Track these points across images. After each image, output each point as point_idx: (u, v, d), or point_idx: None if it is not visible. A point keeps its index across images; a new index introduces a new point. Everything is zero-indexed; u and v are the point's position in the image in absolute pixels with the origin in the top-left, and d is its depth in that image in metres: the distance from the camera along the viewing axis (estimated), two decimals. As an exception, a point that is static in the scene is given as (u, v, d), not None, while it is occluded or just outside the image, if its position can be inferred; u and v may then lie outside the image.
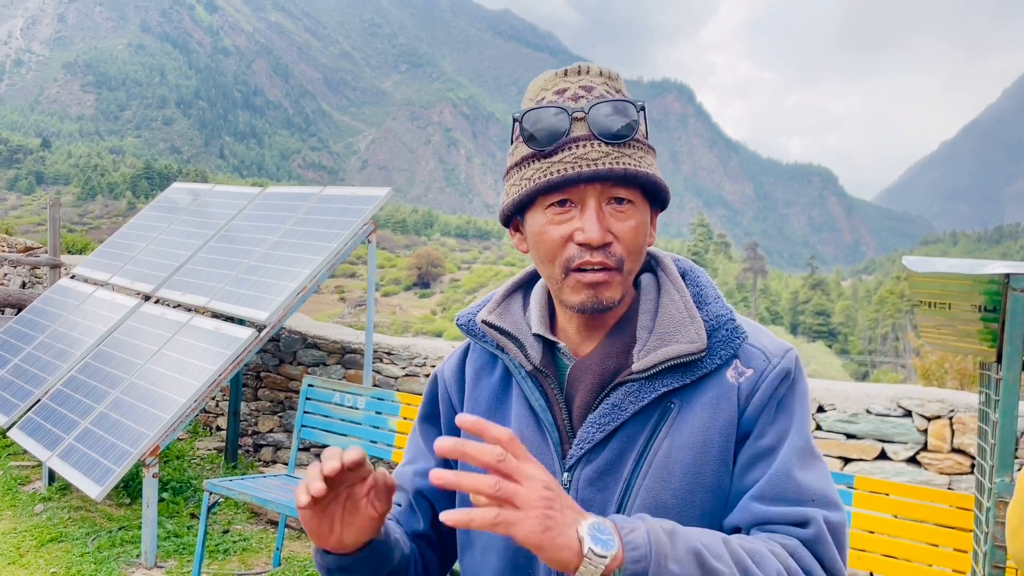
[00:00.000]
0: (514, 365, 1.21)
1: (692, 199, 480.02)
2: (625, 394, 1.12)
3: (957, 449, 3.76)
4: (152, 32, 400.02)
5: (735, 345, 1.13)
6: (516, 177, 1.14)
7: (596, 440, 1.12)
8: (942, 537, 2.89)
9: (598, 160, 1.07)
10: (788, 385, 1.13)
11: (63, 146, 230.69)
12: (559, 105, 1.10)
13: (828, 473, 1.13)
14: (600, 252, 1.08)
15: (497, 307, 1.25)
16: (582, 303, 1.11)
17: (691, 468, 1.10)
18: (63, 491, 5.43)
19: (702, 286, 1.20)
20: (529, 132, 1.10)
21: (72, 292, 6.42)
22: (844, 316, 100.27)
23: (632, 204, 1.11)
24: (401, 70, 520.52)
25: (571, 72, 1.14)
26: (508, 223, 1.21)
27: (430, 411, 1.35)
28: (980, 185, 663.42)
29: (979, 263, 1.41)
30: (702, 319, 1.14)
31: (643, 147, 1.12)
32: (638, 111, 1.11)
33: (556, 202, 1.10)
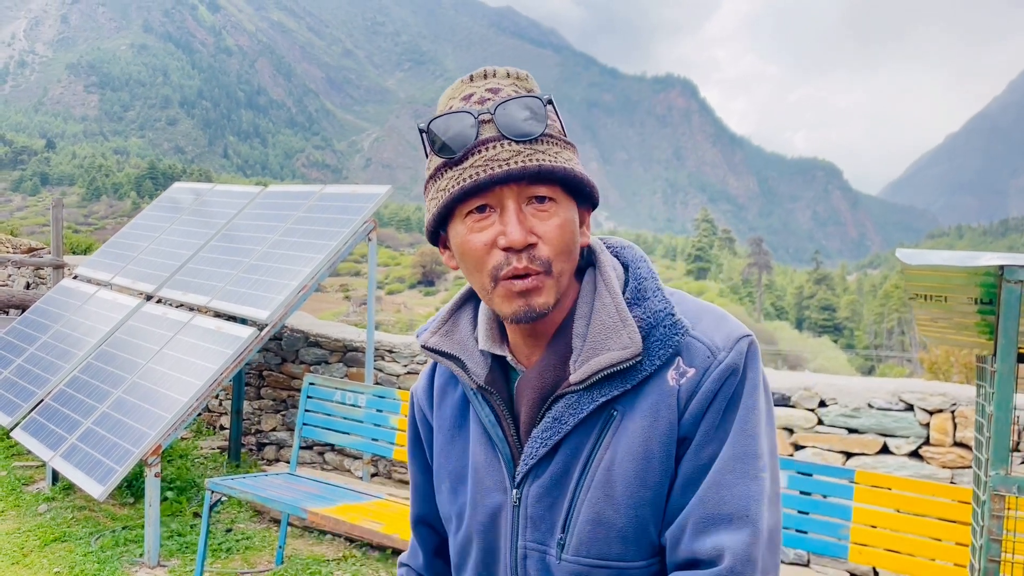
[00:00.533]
0: (464, 383, 1.20)
1: (696, 194, 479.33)
2: (565, 406, 1.09)
3: (959, 443, 3.75)
4: (155, 32, 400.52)
5: (675, 342, 1.06)
6: (432, 190, 1.10)
7: (540, 455, 1.10)
8: (945, 531, 2.87)
9: (509, 159, 1.02)
10: (736, 382, 1.05)
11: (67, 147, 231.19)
12: (464, 110, 1.06)
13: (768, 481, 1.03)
14: (525, 256, 1.03)
15: (442, 326, 1.22)
16: (515, 313, 1.06)
17: (633, 480, 1.05)
18: (67, 491, 5.45)
19: (642, 279, 1.13)
20: (438, 142, 1.06)
21: (74, 292, 6.43)
22: (850, 311, 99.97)
23: (554, 202, 1.05)
24: (404, 68, 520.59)
25: (477, 76, 1.10)
26: (436, 241, 1.16)
27: (414, 434, 1.34)
28: (986, 178, 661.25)
29: (973, 255, 1.39)
30: (639, 318, 1.08)
31: (558, 142, 1.07)
32: (545, 104, 1.06)
33: (475, 209, 1.05)
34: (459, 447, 1.22)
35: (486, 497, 1.16)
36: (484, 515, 1.16)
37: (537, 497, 1.11)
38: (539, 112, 1.05)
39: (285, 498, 3.96)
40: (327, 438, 4.57)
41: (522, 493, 1.12)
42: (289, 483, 4.32)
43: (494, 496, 1.15)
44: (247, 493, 4.01)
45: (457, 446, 1.23)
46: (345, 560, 4.53)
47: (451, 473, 1.23)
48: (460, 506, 1.20)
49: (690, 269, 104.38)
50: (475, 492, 1.17)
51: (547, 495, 1.11)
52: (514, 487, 1.13)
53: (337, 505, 3.91)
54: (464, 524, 1.19)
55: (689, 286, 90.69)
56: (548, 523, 1.11)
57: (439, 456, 1.25)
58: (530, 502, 1.12)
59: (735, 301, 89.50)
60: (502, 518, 1.15)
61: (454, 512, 1.22)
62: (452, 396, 1.25)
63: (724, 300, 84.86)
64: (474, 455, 1.19)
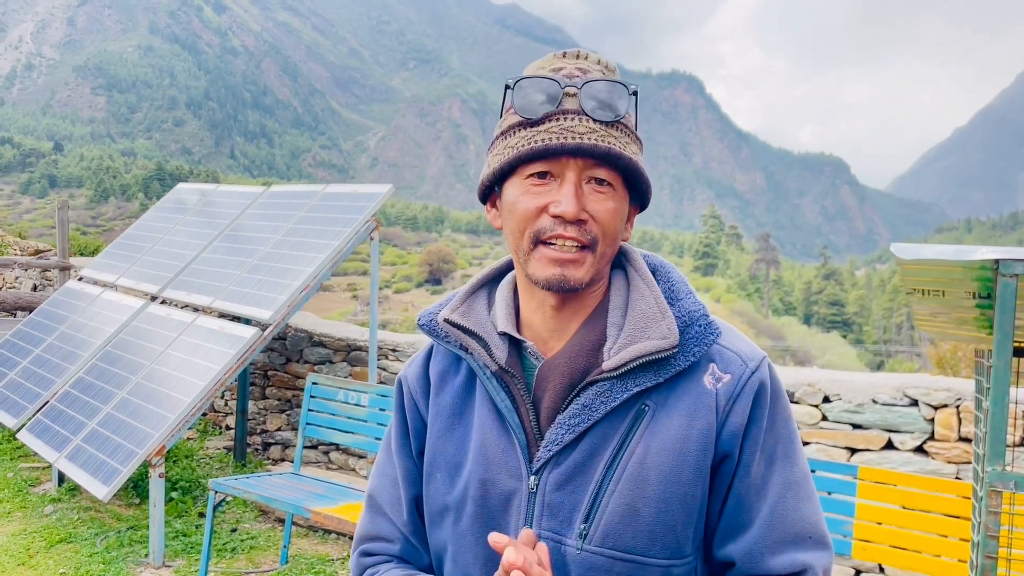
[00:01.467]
0: (478, 365, 1.17)
1: (703, 191, 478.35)
2: (596, 394, 1.08)
3: (964, 438, 3.72)
4: (161, 34, 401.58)
5: (708, 342, 1.10)
6: (500, 146, 1.12)
7: (565, 441, 1.09)
8: (950, 527, 2.85)
9: (584, 135, 1.05)
10: (770, 399, 1.11)
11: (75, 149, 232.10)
12: (552, 77, 1.08)
13: (818, 501, 1.12)
14: (574, 227, 1.06)
15: (460, 305, 1.21)
16: (548, 279, 1.07)
17: (667, 475, 1.06)
18: (72, 492, 5.46)
19: (673, 282, 1.17)
20: (520, 99, 1.09)
21: (79, 294, 6.45)
22: (858, 306, 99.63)
23: (612, 188, 1.08)
24: (409, 67, 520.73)
25: (570, 55, 1.13)
26: (486, 198, 1.18)
27: (402, 423, 1.29)
28: (994, 172, 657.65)
29: (967, 249, 1.38)
30: (675, 315, 1.11)
31: (630, 134, 1.10)
32: (630, 95, 1.09)
33: (536, 173, 1.08)
34: (459, 435, 1.19)
35: (497, 484, 1.13)
36: (495, 502, 1.13)
37: (557, 485, 1.09)
38: (621, 99, 1.08)
39: (289, 498, 3.96)
40: (331, 437, 4.57)
41: (540, 480, 1.10)
42: (293, 483, 4.32)
43: (506, 483, 1.12)
44: (251, 493, 4.02)
45: (457, 433, 1.19)
46: (349, 559, 4.53)
47: (448, 462, 1.19)
48: (460, 494, 1.16)
49: (697, 265, 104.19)
50: (483, 478, 1.13)
51: (568, 483, 1.09)
52: (532, 474, 1.11)
53: (341, 504, 3.91)
54: (466, 512, 1.15)
55: (697, 282, 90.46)
56: (567, 512, 1.09)
57: (435, 444, 1.21)
58: (548, 489, 1.10)
59: (743, 297, 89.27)
60: (514, 505, 1.12)
61: (452, 500, 1.17)
62: (452, 383, 1.22)
63: (732, 296, 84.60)
64: (483, 441, 1.15)
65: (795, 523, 1.09)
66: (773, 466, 1.10)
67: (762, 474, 1.10)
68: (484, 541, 1.12)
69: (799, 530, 1.09)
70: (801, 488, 1.11)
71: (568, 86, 1.08)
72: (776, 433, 1.11)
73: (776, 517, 1.09)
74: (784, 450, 1.11)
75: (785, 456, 1.11)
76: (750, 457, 1.09)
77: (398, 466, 1.27)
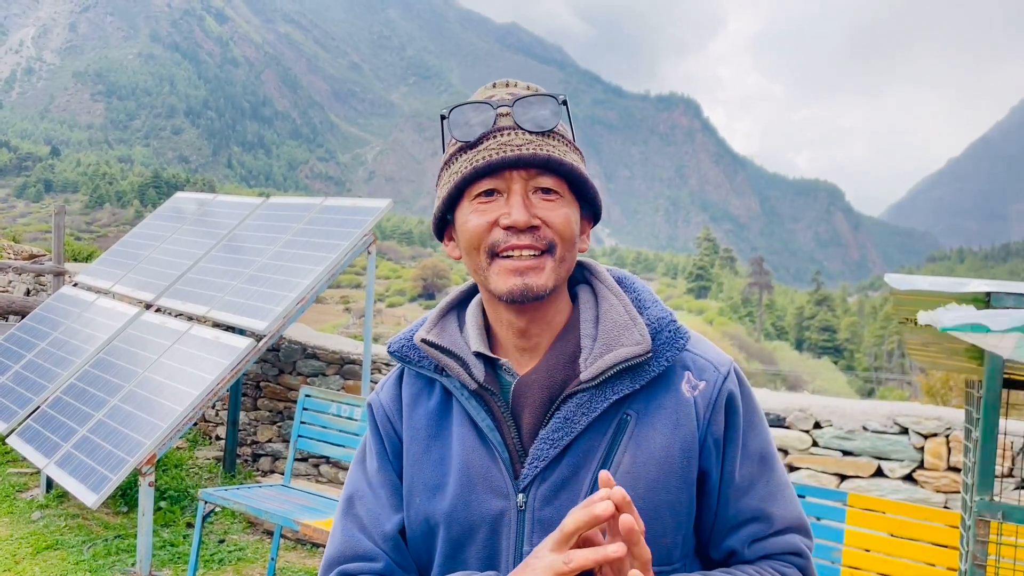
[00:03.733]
0: (455, 385, 1.17)
1: (698, 213, 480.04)
2: (576, 406, 1.10)
3: (953, 467, 3.74)
4: (162, 42, 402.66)
5: (679, 346, 1.13)
6: (445, 177, 1.16)
7: (550, 457, 1.09)
8: (938, 556, 2.87)
9: (522, 146, 1.08)
10: (744, 405, 1.16)
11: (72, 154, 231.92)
12: (484, 101, 1.13)
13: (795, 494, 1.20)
14: (527, 235, 1.08)
15: (434, 327, 1.22)
16: (510, 291, 1.08)
17: (654, 484, 1.09)
18: (60, 499, 5.44)
19: (639, 291, 1.20)
20: (457, 125, 1.12)
21: (74, 300, 6.45)
22: (850, 332, 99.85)
23: (559, 195, 1.11)
24: (409, 82, 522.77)
25: (499, 84, 1.18)
26: (442, 234, 1.20)
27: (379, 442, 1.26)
28: (987, 202, 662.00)
29: (960, 282, 1.41)
30: (644, 323, 1.14)
31: (567, 143, 1.13)
32: (560, 104, 1.12)
33: (483, 192, 1.10)
34: (435, 456, 1.19)
35: (483, 504, 1.13)
36: (482, 523, 1.13)
37: (546, 500, 1.10)
38: (553, 110, 1.12)
39: (278, 510, 3.95)
40: (322, 450, 4.56)
41: (528, 497, 1.11)
42: (282, 495, 4.31)
43: (492, 502, 1.12)
44: (240, 504, 4.01)
45: (433, 455, 1.19)
46: None
47: (426, 484, 1.18)
48: (444, 515, 1.15)
49: (691, 287, 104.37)
50: (467, 499, 1.13)
51: (556, 498, 1.10)
52: (519, 491, 1.11)
53: (330, 518, 3.91)
54: (453, 533, 1.14)
55: (690, 304, 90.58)
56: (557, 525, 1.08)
57: (412, 468, 1.20)
58: (537, 506, 1.10)
59: (735, 320, 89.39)
60: (503, 524, 1.12)
61: (434, 522, 1.16)
62: (425, 405, 1.22)
63: (724, 319, 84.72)
64: (464, 462, 1.15)
65: (785, 516, 1.17)
66: (758, 467, 1.16)
67: (749, 476, 1.16)
68: (471, 560, 1.13)
69: (789, 521, 1.17)
70: (786, 486, 1.19)
71: (500, 106, 1.11)
72: (755, 436, 1.17)
73: (770, 513, 1.16)
74: (765, 452, 1.18)
75: (768, 458, 1.18)
76: (732, 463, 1.14)
77: (382, 482, 1.24)
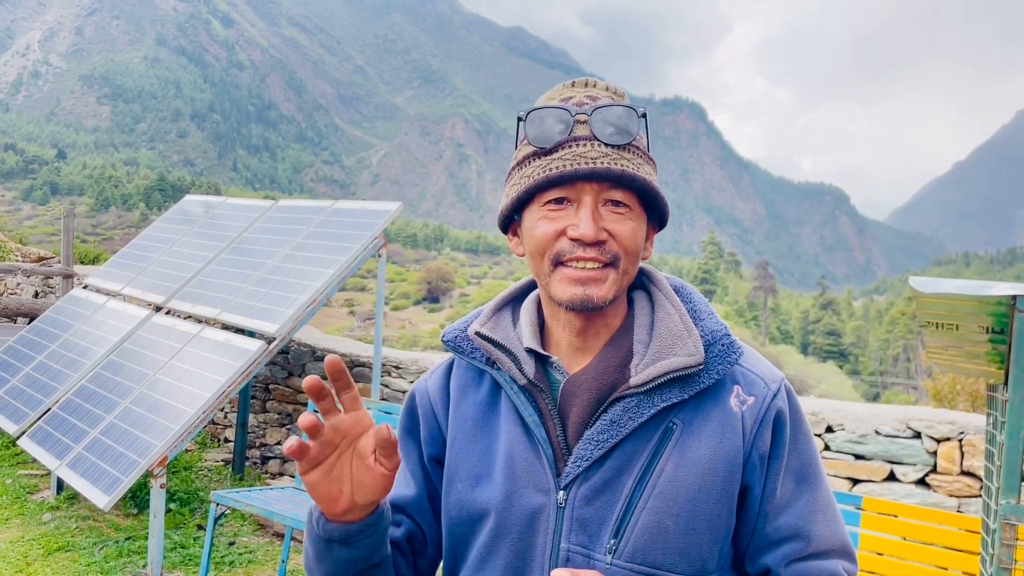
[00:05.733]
0: (505, 380, 1.19)
1: (703, 217, 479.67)
2: (623, 410, 1.10)
3: (967, 471, 3.73)
4: (168, 46, 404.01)
5: (731, 360, 1.13)
6: (516, 177, 1.15)
7: (594, 457, 1.10)
8: (951, 560, 2.86)
9: (597, 159, 1.08)
10: (792, 423, 1.15)
11: (78, 157, 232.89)
12: (562, 106, 1.12)
13: (843, 520, 1.17)
14: (593, 248, 1.08)
15: (488, 320, 1.24)
16: (571, 299, 1.10)
17: (696, 494, 1.09)
18: (71, 500, 5.45)
19: (695, 302, 1.20)
20: (533, 129, 1.12)
21: (84, 302, 6.46)
22: (855, 336, 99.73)
23: (629, 208, 1.11)
24: (414, 86, 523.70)
25: (578, 84, 1.17)
26: (507, 227, 1.22)
27: (410, 425, 1.31)
28: (993, 206, 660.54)
29: (986, 284, 1.41)
30: (699, 334, 1.14)
31: (642, 155, 1.13)
32: (639, 117, 1.12)
33: (553, 199, 1.11)
34: (481, 446, 1.20)
35: (523, 498, 1.14)
36: (521, 516, 1.14)
37: (586, 500, 1.11)
38: (631, 122, 1.11)
39: (290, 512, 3.96)
40: (333, 453, 4.57)
41: (569, 495, 1.12)
42: (294, 497, 4.32)
43: (533, 497, 1.13)
44: (252, 506, 4.02)
45: (479, 445, 1.21)
46: None
47: (469, 473, 1.20)
48: (483, 505, 1.17)
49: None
50: (509, 492, 1.15)
51: (596, 498, 1.11)
52: (560, 488, 1.12)
53: (342, 520, 3.91)
54: (491, 524, 1.16)
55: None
56: (595, 527, 1.10)
57: (456, 455, 1.23)
58: (577, 504, 1.11)
59: (740, 324, 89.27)
60: (541, 520, 1.13)
61: (475, 511, 1.18)
62: (474, 396, 1.24)
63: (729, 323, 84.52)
64: (510, 454, 1.16)
65: (826, 537, 1.13)
66: (800, 486, 1.14)
67: (790, 494, 1.13)
68: (506, 552, 1.14)
69: (831, 544, 1.14)
70: (828, 507, 1.16)
71: (579, 113, 1.11)
72: (800, 454, 1.15)
73: (809, 532, 1.13)
74: (809, 471, 1.15)
75: (812, 476, 1.15)
76: (775, 480, 1.13)
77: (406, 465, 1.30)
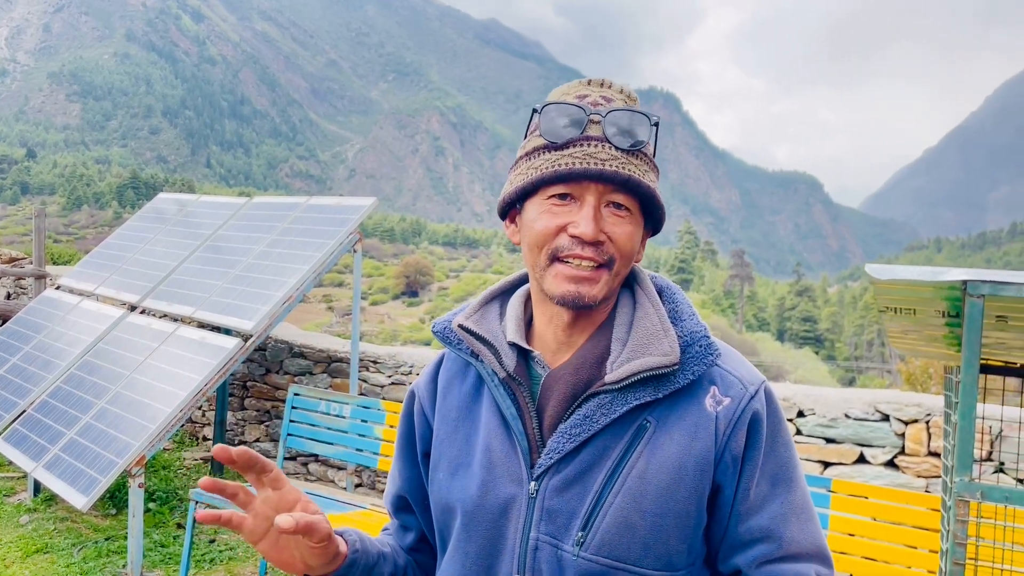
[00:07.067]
0: (487, 372, 1.22)
1: (679, 207, 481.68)
2: (597, 405, 1.13)
3: (934, 452, 3.82)
4: (138, 41, 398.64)
5: (708, 362, 1.14)
6: (524, 166, 1.17)
7: (566, 450, 1.13)
8: (919, 539, 2.94)
9: (607, 161, 1.10)
10: (769, 426, 1.15)
11: (48, 156, 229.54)
12: (579, 104, 1.14)
13: (819, 522, 1.17)
14: (591, 248, 1.11)
15: (474, 313, 1.27)
16: (563, 295, 1.12)
17: (664, 491, 1.11)
18: (48, 502, 5.42)
19: (678, 303, 1.23)
20: (546, 123, 1.14)
21: (58, 303, 6.41)
22: (830, 322, 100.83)
23: (629, 212, 1.14)
24: (388, 79, 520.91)
25: (595, 83, 1.19)
26: (506, 213, 1.24)
27: (407, 426, 1.37)
28: (964, 191, 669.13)
29: (939, 270, 1.46)
30: (677, 335, 1.16)
31: (649, 163, 1.15)
32: (651, 126, 1.14)
33: (558, 194, 1.13)
34: (462, 435, 1.25)
35: (498, 487, 1.18)
36: (494, 505, 1.18)
37: (556, 491, 1.14)
38: (642, 128, 1.14)
39: (270, 508, 3.96)
40: (311, 448, 4.58)
41: (540, 485, 1.15)
42: (273, 493, 4.32)
43: (507, 487, 1.17)
44: (233, 504, 4.02)
45: (460, 434, 1.25)
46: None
47: (450, 460, 1.25)
48: (460, 493, 1.21)
49: (673, 280, 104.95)
50: (485, 482, 1.19)
51: (567, 490, 1.14)
52: (532, 479, 1.16)
53: (322, 515, 3.93)
54: (466, 511, 1.21)
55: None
56: (565, 518, 1.13)
57: (440, 445, 1.28)
58: (548, 495, 1.14)
59: (717, 312, 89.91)
60: (513, 509, 1.16)
61: (454, 499, 1.22)
62: (459, 388, 1.29)
63: (706, 311, 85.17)
64: (487, 446, 1.20)
65: (798, 540, 1.14)
66: (775, 488, 1.15)
67: (764, 496, 1.15)
68: (479, 540, 1.18)
69: (804, 547, 1.14)
70: (803, 510, 1.16)
71: (593, 113, 1.13)
72: (777, 456, 1.16)
73: (780, 535, 1.13)
74: (785, 473, 1.16)
75: (786, 479, 1.16)
76: (749, 481, 1.14)
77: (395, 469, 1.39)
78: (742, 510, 1.14)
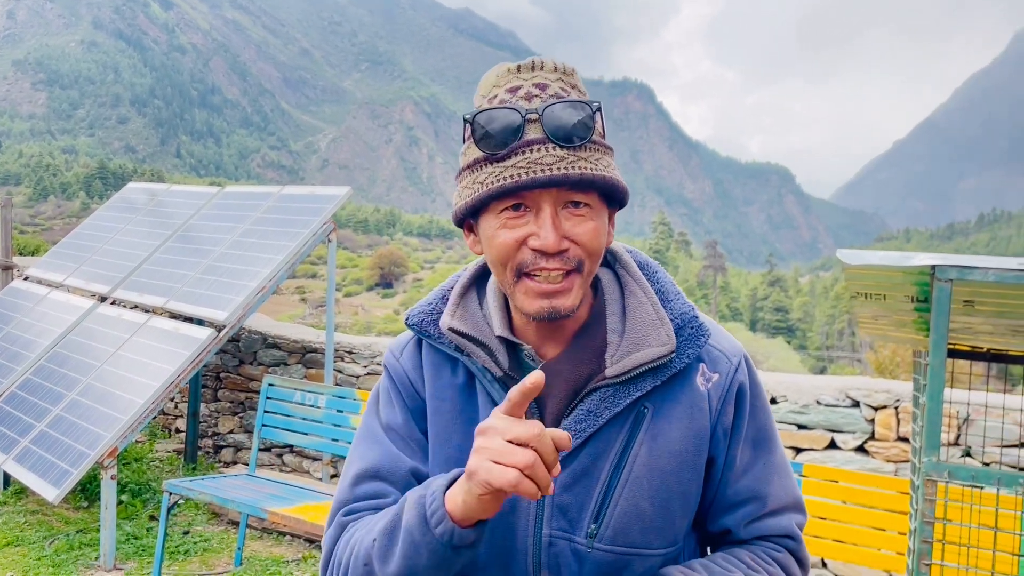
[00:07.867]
0: (479, 369, 1.17)
1: (653, 198, 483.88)
2: (600, 400, 1.12)
3: (903, 437, 3.89)
4: (105, 29, 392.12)
5: (701, 343, 1.14)
6: (469, 180, 1.09)
7: (572, 446, 1.10)
8: (888, 521, 2.99)
9: (553, 165, 1.02)
10: (751, 394, 1.19)
11: (13, 146, 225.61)
12: (512, 106, 1.04)
13: (793, 474, 1.25)
14: (556, 259, 1.05)
15: (457, 309, 1.20)
16: (538, 311, 1.07)
17: (669, 475, 1.12)
18: (19, 495, 5.36)
19: (661, 282, 1.20)
20: (481, 134, 1.05)
21: (26, 294, 6.32)
22: (802, 312, 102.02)
23: (589, 207, 1.07)
24: (361, 68, 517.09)
25: (524, 68, 1.08)
26: (461, 224, 1.17)
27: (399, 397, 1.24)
28: (932, 182, 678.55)
29: (907, 255, 1.49)
30: (668, 318, 1.15)
31: (600, 148, 1.07)
32: (594, 112, 1.06)
33: (510, 206, 1.06)
34: (459, 433, 1.19)
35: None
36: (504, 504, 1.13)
37: (565, 487, 1.13)
38: (587, 120, 1.05)
39: (245, 499, 3.95)
40: (286, 439, 4.57)
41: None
42: (249, 484, 4.31)
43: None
44: (206, 494, 4.00)
45: (458, 432, 1.19)
46: (305, 560, 4.53)
47: (448, 458, 1.19)
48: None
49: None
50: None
51: (575, 485, 1.13)
52: None
53: (297, 505, 3.92)
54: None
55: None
56: (575, 512, 1.13)
57: (435, 438, 1.21)
58: (557, 491, 1.13)
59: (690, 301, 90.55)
60: (521, 508, 1.15)
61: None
62: (448, 378, 1.21)
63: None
64: None
65: (781, 497, 1.20)
66: (757, 451, 1.20)
67: (748, 459, 1.19)
68: (490, 537, 1.13)
69: (784, 501, 1.20)
70: (782, 467, 1.22)
71: (529, 112, 1.04)
72: (756, 421, 1.20)
73: (765, 494, 1.19)
74: (765, 435, 1.21)
75: (767, 441, 1.21)
76: (735, 448, 1.17)
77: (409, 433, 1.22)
78: (730, 476, 1.18)
